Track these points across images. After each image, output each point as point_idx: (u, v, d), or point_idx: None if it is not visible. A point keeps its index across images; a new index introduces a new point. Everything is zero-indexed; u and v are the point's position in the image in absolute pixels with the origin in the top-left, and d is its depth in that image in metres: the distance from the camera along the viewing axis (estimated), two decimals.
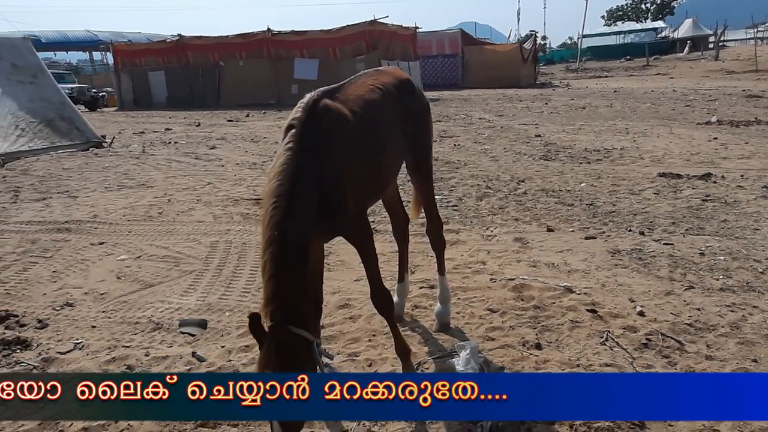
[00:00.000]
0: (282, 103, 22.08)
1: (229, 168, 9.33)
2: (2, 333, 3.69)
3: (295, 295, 2.13)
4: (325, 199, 2.36)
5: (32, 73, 12.52)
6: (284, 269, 2.12)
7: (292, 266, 2.14)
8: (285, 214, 2.18)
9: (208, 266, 4.87)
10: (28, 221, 6.59)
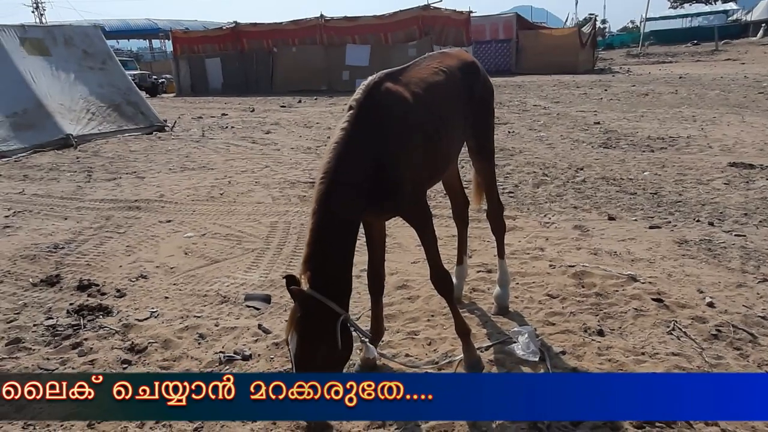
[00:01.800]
0: (333, 90, 22.31)
1: (285, 152, 9.55)
2: (86, 300, 3.97)
3: (330, 266, 2.22)
4: (379, 179, 2.41)
5: (101, 60, 13.16)
6: (322, 241, 2.23)
7: (331, 239, 2.24)
8: (329, 189, 2.26)
9: (269, 245, 5.04)
10: (101, 199, 7.00)
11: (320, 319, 2.13)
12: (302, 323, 2.10)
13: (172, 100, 24.67)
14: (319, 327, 2.12)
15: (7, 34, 11.59)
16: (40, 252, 5.09)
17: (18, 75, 11.20)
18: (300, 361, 2.12)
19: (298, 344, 2.11)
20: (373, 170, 2.39)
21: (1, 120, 10.58)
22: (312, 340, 2.11)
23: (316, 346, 2.12)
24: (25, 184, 8.10)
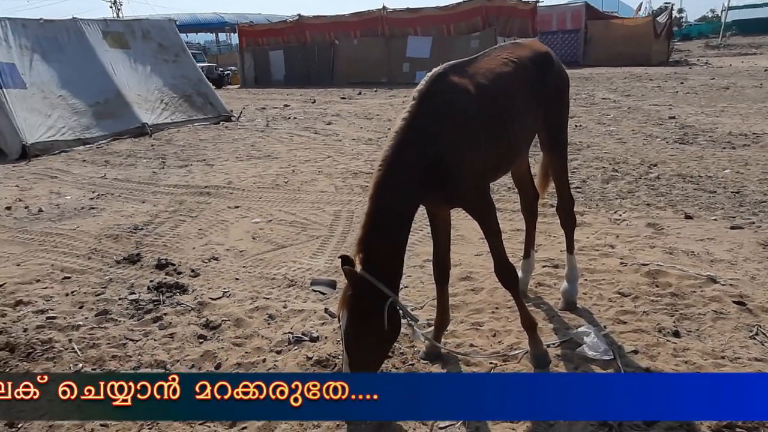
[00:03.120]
0: (393, 82, 22.31)
1: (346, 143, 9.68)
2: (164, 278, 4.21)
3: (382, 250, 2.29)
4: (437, 169, 2.43)
5: (175, 52, 13.79)
6: (376, 224, 2.30)
7: (385, 223, 2.31)
8: (386, 177, 2.33)
9: (333, 233, 5.15)
10: (175, 184, 7.37)
11: (369, 300, 2.21)
12: (352, 302, 2.20)
13: (236, 91, 25.49)
14: (368, 307, 2.20)
15: (91, 28, 12.35)
16: (122, 232, 5.43)
17: (101, 67, 11.93)
18: (348, 339, 2.22)
19: (347, 322, 2.21)
20: (431, 160, 2.43)
21: (85, 109, 11.31)
22: (360, 319, 2.20)
23: (363, 326, 2.20)
24: (106, 169, 8.65)
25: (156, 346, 3.26)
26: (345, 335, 2.23)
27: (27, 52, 11.13)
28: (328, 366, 2.96)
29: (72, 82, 11.36)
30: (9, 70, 10.59)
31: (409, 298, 3.74)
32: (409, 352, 3.09)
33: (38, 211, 6.34)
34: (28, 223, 5.95)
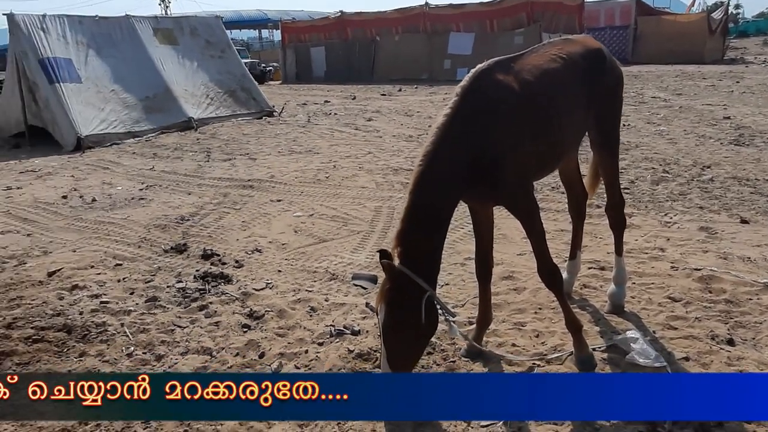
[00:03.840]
0: (434, 79, 22.18)
1: (387, 139, 9.69)
2: (210, 268, 4.32)
3: (421, 244, 2.29)
4: (478, 166, 2.42)
5: (221, 49, 14.11)
6: (415, 219, 2.30)
7: (424, 218, 2.32)
8: (427, 172, 2.34)
9: (374, 228, 5.17)
10: (219, 177, 7.56)
11: (407, 294, 2.22)
12: (390, 296, 2.22)
13: (278, 87, 25.87)
14: (406, 301, 2.21)
15: (142, 25, 12.78)
16: (170, 222, 5.61)
17: (151, 62, 12.33)
18: (386, 332, 2.24)
19: (385, 315, 2.23)
20: (473, 157, 2.42)
21: (135, 103, 11.72)
22: (398, 312, 2.21)
23: (401, 319, 2.21)
24: (154, 161, 8.94)
25: (202, 333, 3.35)
26: (383, 328, 2.26)
27: (83, 47, 11.61)
28: (369, 360, 2.98)
29: (124, 77, 11.79)
30: (66, 65, 11.07)
31: (450, 295, 3.72)
32: (450, 349, 3.08)
33: (92, 201, 6.61)
34: (82, 211, 6.22)
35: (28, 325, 3.47)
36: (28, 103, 10.92)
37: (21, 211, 6.28)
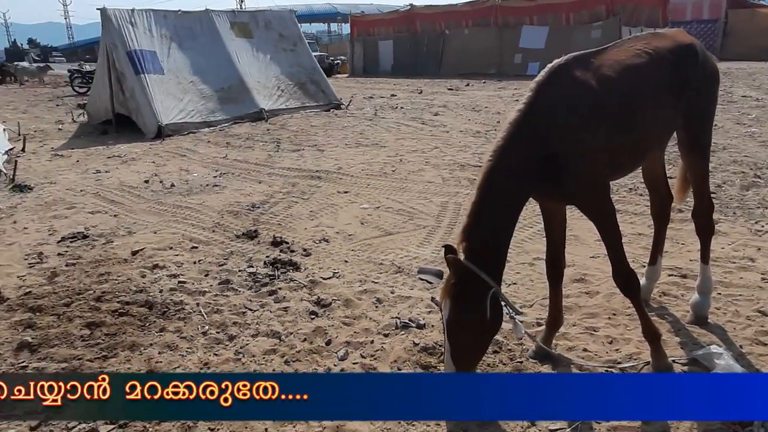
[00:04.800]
0: (503, 73, 21.73)
1: (454, 135, 9.59)
2: (279, 254, 4.46)
3: (486, 239, 2.27)
4: (550, 164, 2.36)
5: (293, 42, 14.47)
6: (482, 214, 2.27)
7: (491, 213, 2.29)
8: (496, 167, 2.31)
9: (440, 223, 5.14)
10: (288, 167, 7.76)
11: (472, 289, 2.19)
12: (454, 291, 2.20)
13: (345, 80, 26.21)
14: (470, 296, 2.19)
15: (221, 19, 13.30)
16: (241, 209, 5.83)
17: (227, 55, 12.83)
18: (450, 328, 2.23)
19: (449, 311, 2.21)
20: (545, 154, 2.37)
21: (211, 94, 12.24)
22: (462, 308, 2.20)
23: (465, 315, 2.19)
24: (227, 150, 9.32)
25: (272, 317, 3.47)
26: (447, 324, 2.25)
27: (166, 40, 12.25)
28: (434, 354, 2.98)
29: (202, 69, 12.34)
30: (151, 57, 11.73)
31: (518, 295, 3.64)
32: (518, 349, 3.02)
33: (170, 186, 6.98)
34: (162, 195, 6.58)
35: (115, 300, 3.71)
36: (116, 93, 11.66)
37: (108, 194, 6.74)
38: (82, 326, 3.36)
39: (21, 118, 13.02)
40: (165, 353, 3.07)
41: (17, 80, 26.73)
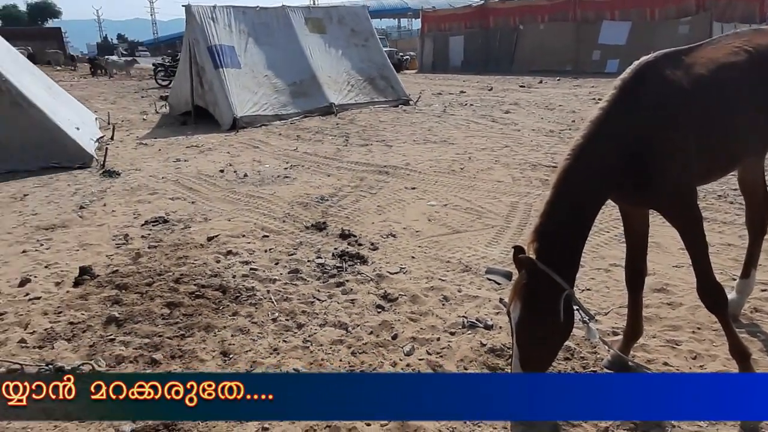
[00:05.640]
0: (579, 70, 20.88)
1: (525, 133, 9.33)
2: (347, 247, 4.51)
3: (560, 240, 2.16)
4: (632, 166, 2.25)
5: (365, 37, 14.60)
6: (556, 214, 2.18)
7: (565, 214, 2.18)
8: (574, 167, 2.21)
9: (509, 224, 5.01)
10: (356, 161, 7.85)
11: (544, 292, 2.11)
12: (526, 292, 2.12)
13: (413, 76, 26.17)
14: (543, 298, 2.11)
15: (296, 15, 13.64)
16: (311, 201, 5.95)
17: (300, 50, 13.14)
18: (519, 330, 2.15)
19: (520, 313, 2.14)
20: (626, 156, 2.25)
21: (284, 88, 12.59)
22: (534, 310, 2.12)
23: (537, 317, 2.12)
24: (298, 143, 9.55)
25: (339, 308, 3.51)
26: (516, 326, 2.17)
27: (244, 36, 12.72)
28: (502, 356, 2.90)
29: (276, 63, 12.72)
30: (229, 52, 12.21)
31: (592, 302, 3.49)
32: (591, 357, 2.89)
33: (244, 176, 7.24)
34: (236, 185, 6.84)
35: (192, 282, 3.90)
36: (196, 86, 12.24)
37: (187, 181, 7.09)
38: (162, 305, 3.55)
39: (110, 108, 13.97)
40: (237, 336, 3.18)
41: (107, 73, 28.74)
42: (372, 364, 2.90)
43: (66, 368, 2.76)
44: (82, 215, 5.70)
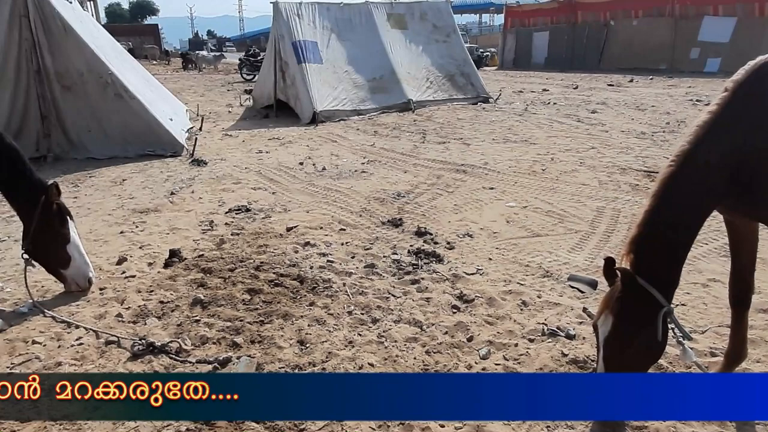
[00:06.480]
0: (675, 69, 19.55)
1: (614, 135, 8.84)
2: (422, 245, 4.46)
3: (658, 253, 2.02)
4: (745, 175, 2.06)
5: (446, 33, 14.44)
6: (655, 224, 2.03)
7: (666, 225, 2.04)
8: (678, 174, 2.05)
9: (595, 230, 4.75)
10: (433, 159, 7.77)
11: (640, 307, 1.97)
12: (619, 306, 1.98)
13: (493, 73, 25.63)
14: (638, 314, 1.97)
15: (378, 11, 13.72)
16: (387, 197, 5.96)
17: (381, 46, 13.22)
18: (612, 347, 2.00)
19: (611, 328, 2.00)
20: (738, 163, 2.05)
21: (363, 83, 12.72)
22: (628, 326, 1.97)
23: (632, 333, 1.97)
24: (375, 138, 9.61)
25: (414, 306, 3.47)
26: (604, 341, 2.03)
27: (327, 32, 12.97)
28: (585, 368, 2.75)
29: (356, 59, 12.86)
30: (312, 48, 12.50)
31: (687, 319, 3.23)
32: None
33: (322, 169, 7.38)
34: (314, 178, 6.98)
35: (271, 270, 4.01)
36: (278, 80, 12.65)
37: (268, 172, 7.33)
38: (243, 291, 3.68)
39: (199, 100, 14.76)
40: (314, 326, 3.23)
41: (197, 67, 30.45)
42: (446, 365, 2.84)
43: (156, 344, 2.92)
44: (173, 201, 6.04)
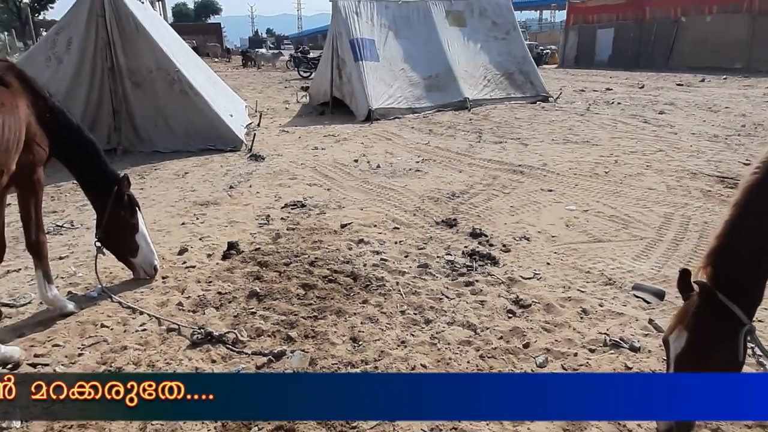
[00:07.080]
0: (752, 68, 18.36)
1: (683, 137, 8.37)
2: (477, 246, 4.37)
3: (740, 266, 1.89)
4: None
5: (506, 30, 14.14)
6: (737, 235, 1.92)
7: (748, 236, 1.92)
8: (763, 182, 1.94)
9: (662, 237, 4.50)
10: (489, 159, 7.61)
11: (719, 323, 1.84)
12: (696, 322, 1.86)
13: (553, 71, 24.90)
14: (716, 331, 1.84)
15: (437, 8, 13.60)
16: (441, 196, 5.88)
17: (438, 43, 13.09)
18: (683, 364, 1.89)
19: (686, 343, 1.88)
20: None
21: (419, 81, 12.64)
22: (705, 343, 1.85)
23: (709, 351, 1.85)
24: (429, 137, 9.52)
25: (468, 308, 3.40)
26: (678, 358, 1.91)
27: (384, 29, 12.98)
28: None
29: (413, 57, 12.80)
30: (369, 45, 12.54)
31: (765, 336, 2.99)
32: None
33: (376, 167, 7.38)
34: (369, 175, 6.99)
35: (325, 266, 4.03)
36: (335, 77, 12.77)
37: (324, 169, 7.41)
38: (298, 285, 3.72)
39: (257, 97, 15.15)
40: (366, 324, 3.22)
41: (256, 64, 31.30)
42: (501, 371, 2.76)
43: (215, 334, 2.99)
44: (231, 194, 6.21)
